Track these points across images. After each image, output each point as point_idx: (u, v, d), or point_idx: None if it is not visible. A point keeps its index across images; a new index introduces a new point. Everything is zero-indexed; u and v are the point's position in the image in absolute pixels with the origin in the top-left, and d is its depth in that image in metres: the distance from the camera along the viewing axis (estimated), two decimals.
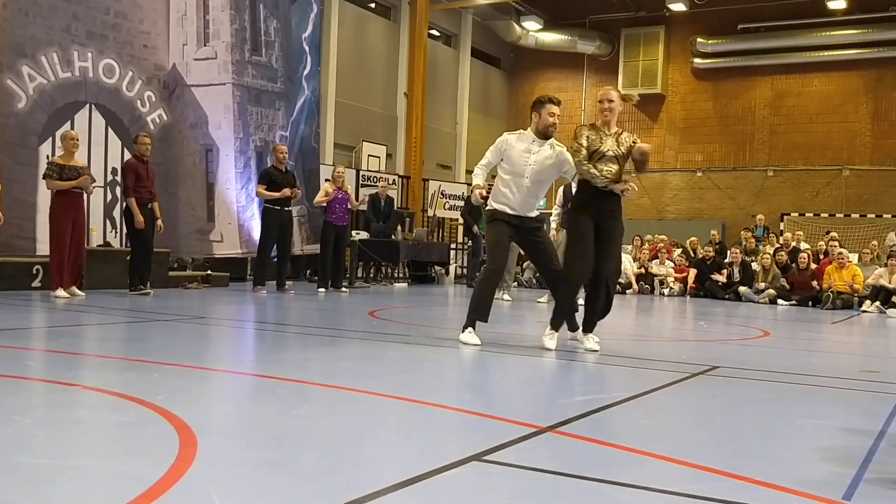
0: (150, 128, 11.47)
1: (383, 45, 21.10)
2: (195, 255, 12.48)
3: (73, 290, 8.81)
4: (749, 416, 3.90)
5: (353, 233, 13.66)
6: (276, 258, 11.19)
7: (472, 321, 6.00)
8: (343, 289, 11.86)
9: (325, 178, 13.72)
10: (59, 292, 8.66)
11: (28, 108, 10.10)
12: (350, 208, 11.93)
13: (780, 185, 22.99)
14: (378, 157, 19.09)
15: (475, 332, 5.95)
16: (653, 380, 4.81)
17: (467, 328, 5.98)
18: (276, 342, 6.20)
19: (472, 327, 5.98)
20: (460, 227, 18.87)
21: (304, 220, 13.53)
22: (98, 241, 10.68)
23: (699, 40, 23.30)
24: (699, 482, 2.67)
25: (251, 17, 13.02)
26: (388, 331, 7.03)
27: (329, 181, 12.08)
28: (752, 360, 6.08)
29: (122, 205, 10.07)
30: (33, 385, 3.96)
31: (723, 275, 14.93)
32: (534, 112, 6.03)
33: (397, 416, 3.55)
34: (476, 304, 6.04)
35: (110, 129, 11.12)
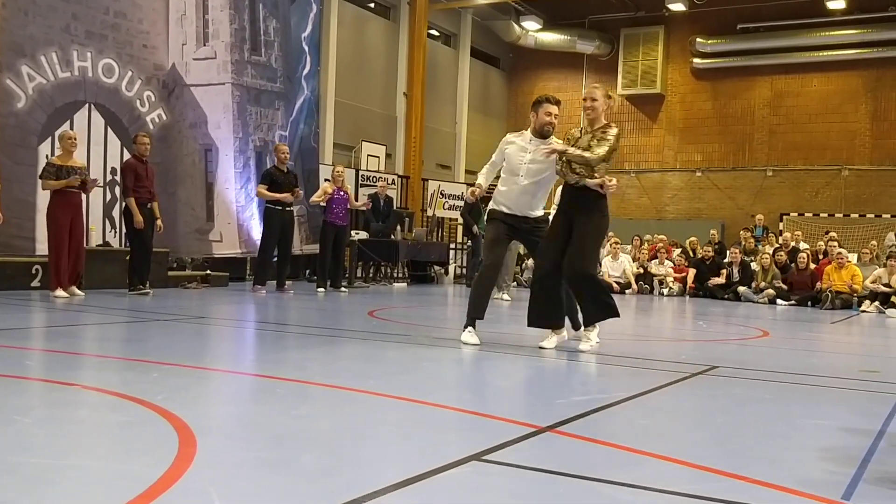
0: (150, 127, 11.46)
1: (383, 44, 21.10)
2: (194, 254, 12.48)
3: (72, 290, 8.81)
4: (749, 415, 3.90)
5: (353, 233, 13.66)
6: (276, 258, 11.19)
7: (472, 320, 6.02)
8: (342, 289, 11.86)
9: (324, 178, 13.72)
10: (58, 292, 8.65)
11: (27, 108, 10.10)
12: (350, 208, 11.94)
13: (779, 185, 22.99)
14: (377, 156, 19.08)
15: (475, 332, 5.96)
16: (652, 380, 4.81)
17: (467, 327, 5.99)
18: (276, 342, 6.20)
19: (472, 326, 5.99)
20: (459, 227, 18.88)
21: (304, 219, 13.52)
22: (97, 241, 10.68)
23: (698, 40, 23.30)
24: (699, 482, 2.67)
25: (250, 16, 13.02)
26: (387, 331, 7.02)
27: (329, 181, 12.08)
28: (751, 359, 6.08)
29: (122, 205, 10.08)
30: (33, 385, 3.95)
31: (722, 275, 14.94)
32: (532, 111, 6.07)
33: (397, 415, 3.55)
34: (472, 301, 6.08)
35: (109, 129, 11.12)
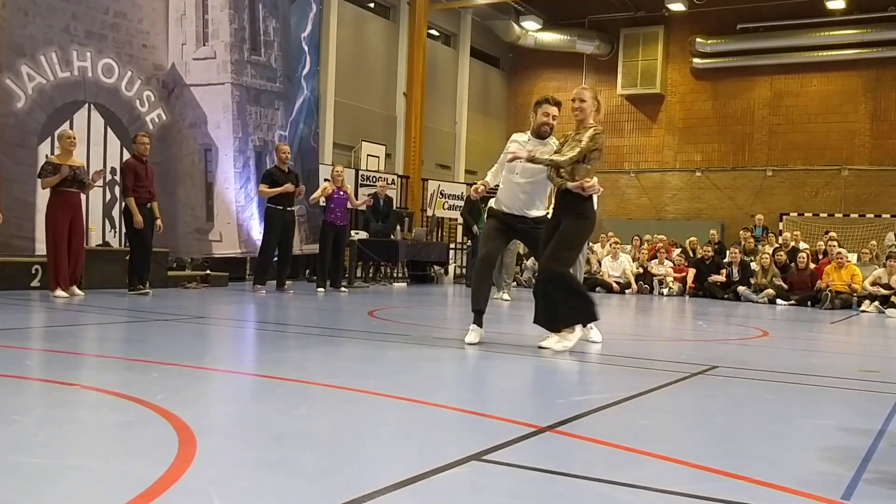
0: (149, 127, 11.46)
1: (382, 44, 21.09)
2: (194, 254, 12.48)
3: (72, 290, 8.81)
4: (748, 415, 3.90)
5: (353, 232, 13.66)
6: (276, 258, 11.19)
7: (475, 315, 6.03)
8: (342, 289, 11.86)
9: (324, 178, 13.72)
10: (58, 292, 8.65)
11: (27, 108, 10.10)
12: (349, 208, 11.93)
13: (778, 185, 22.99)
14: (377, 156, 19.08)
15: (478, 330, 5.97)
16: (652, 380, 4.81)
17: (471, 325, 6.01)
18: (276, 342, 6.19)
19: (476, 324, 6.00)
20: (459, 227, 18.87)
21: (304, 219, 13.52)
22: (97, 241, 10.68)
23: (698, 40, 23.29)
24: (699, 482, 2.67)
25: (250, 16, 13.02)
26: (387, 330, 7.02)
27: (328, 181, 12.08)
28: (751, 359, 6.08)
29: (121, 204, 10.08)
30: (33, 385, 3.95)
31: (721, 274, 14.94)
32: (532, 111, 6.13)
33: (397, 415, 3.55)
34: (472, 294, 6.13)
35: (109, 129, 11.12)
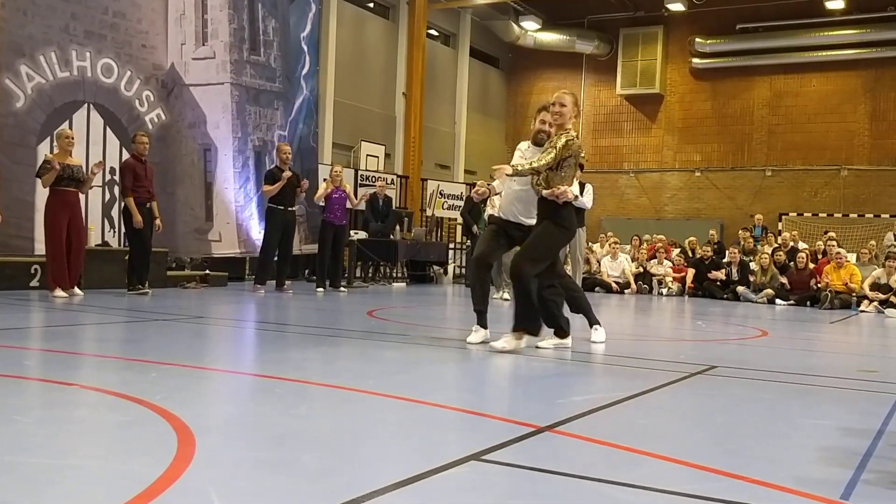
0: (149, 127, 11.45)
1: (382, 44, 21.09)
2: (193, 254, 12.47)
3: (71, 290, 8.80)
4: (748, 415, 3.90)
5: (352, 232, 13.66)
6: (276, 258, 11.18)
7: (478, 314, 6.04)
8: (341, 288, 11.86)
9: (323, 178, 13.72)
10: (57, 292, 8.64)
11: (26, 108, 10.09)
12: (349, 207, 11.93)
13: (778, 185, 22.99)
14: (376, 156, 19.09)
15: (482, 331, 5.98)
16: (651, 379, 4.81)
17: (475, 325, 6.02)
18: (275, 342, 6.19)
19: (479, 325, 6.01)
20: (459, 227, 18.87)
21: (303, 219, 13.51)
22: (96, 241, 10.66)
23: (697, 40, 23.30)
24: (699, 482, 2.67)
25: (249, 16, 13.01)
26: (386, 330, 7.02)
27: (327, 180, 12.08)
28: (750, 359, 6.08)
29: (121, 204, 10.07)
30: (32, 385, 3.95)
31: (721, 272, 14.94)
32: (534, 118, 6.10)
33: (396, 415, 3.55)
34: (471, 296, 6.14)
35: (108, 129, 11.11)
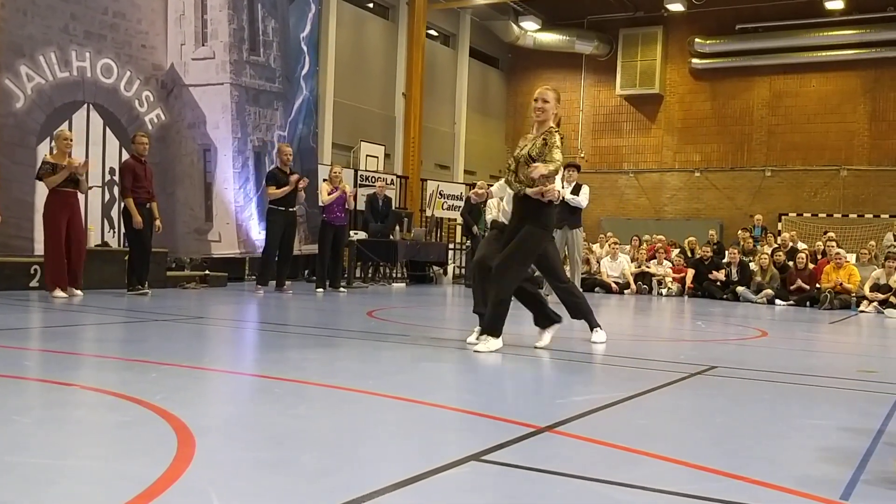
0: (148, 127, 11.45)
1: (381, 44, 21.09)
2: (193, 255, 12.47)
3: (71, 291, 8.80)
4: (747, 416, 3.90)
5: (352, 233, 13.66)
6: (276, 258, 11.17)
7: (479, 318, 6.03)
8: (341, 289, 11.86)
9: (322, 179, 13.71)
10: (57, 292, 8.64)
11: (26, 108, 10.09)
12: (348, 208, 11.93)
13: (777, 186, 23.01)
14: (376, 157, 19.08)
15: (480, 331, 5.97)
16: (651, 380, 4.81)
17: (476, 327, 6.02)
18: (275, 342, 6.19)
19: (479, 326, 6.00)
20: (458, 227, 18.88)
21: (303, 220, 13.51)
22: (96, 241, 10.66)
23: (697, 40, 23.31)
24: (698, 482, 2.67)
25: (249, 16, 13.01)
26: (386, 331, 7.02)
27: (326, 181, 12.08)
28: (750, 360, 6.08)
29: (120, 205, 10.07)
30: (31, 385, 3.95)
31: (720, 273, 14.94)
32: None
33: (396, 415, 3.54)
34: (473, 299, 6.15)
35: (108, 129, 11.11)
